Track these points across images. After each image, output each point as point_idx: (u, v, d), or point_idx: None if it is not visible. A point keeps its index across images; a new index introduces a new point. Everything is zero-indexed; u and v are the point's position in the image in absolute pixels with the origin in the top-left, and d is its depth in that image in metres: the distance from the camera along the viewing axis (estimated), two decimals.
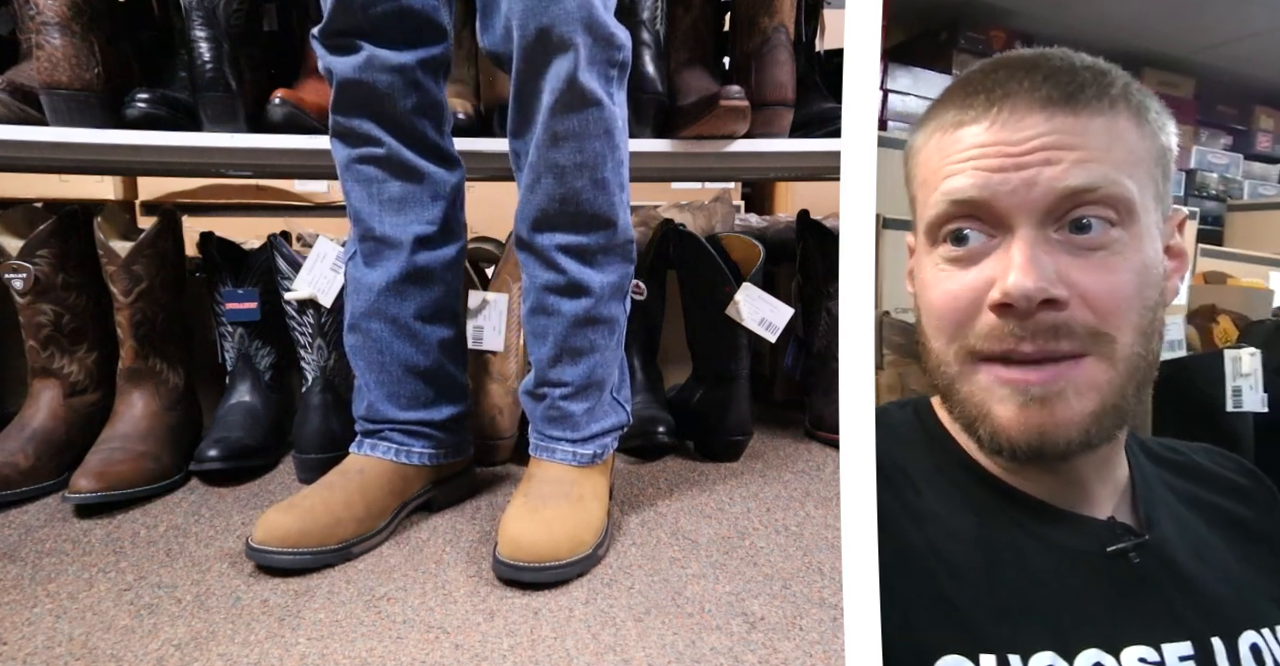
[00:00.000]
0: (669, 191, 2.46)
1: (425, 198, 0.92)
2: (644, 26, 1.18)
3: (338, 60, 0.86)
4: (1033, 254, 0.42)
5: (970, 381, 0.44)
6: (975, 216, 0.44)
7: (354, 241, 0.94)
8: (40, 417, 1.09)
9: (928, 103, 0.49)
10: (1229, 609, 0.48)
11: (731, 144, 1.19)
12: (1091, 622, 0.45)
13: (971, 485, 0.48)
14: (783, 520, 0.98)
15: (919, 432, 0.51)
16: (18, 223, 1.13)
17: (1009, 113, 0.43)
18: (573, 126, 0.80)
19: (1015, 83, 0.43)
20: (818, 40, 1.41)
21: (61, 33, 1.05)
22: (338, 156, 0.91)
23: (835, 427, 1.20)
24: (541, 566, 0.80)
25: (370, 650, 0.69)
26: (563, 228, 0.86)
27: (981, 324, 0.43)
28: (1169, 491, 0.53)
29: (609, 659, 0.68)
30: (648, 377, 1.30)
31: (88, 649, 0.69)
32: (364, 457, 0.95)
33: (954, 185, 0.44)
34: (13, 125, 1.07)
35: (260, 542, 0.82)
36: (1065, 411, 0.42)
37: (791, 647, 0.70)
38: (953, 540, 0.46)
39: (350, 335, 0.95)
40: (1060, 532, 0.47)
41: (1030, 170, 0.42)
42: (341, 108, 0.88)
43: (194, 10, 1.10)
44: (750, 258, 1.22)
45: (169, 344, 1.14)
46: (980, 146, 0.44)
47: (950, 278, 0.45)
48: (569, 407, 0.92)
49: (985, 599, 0.44)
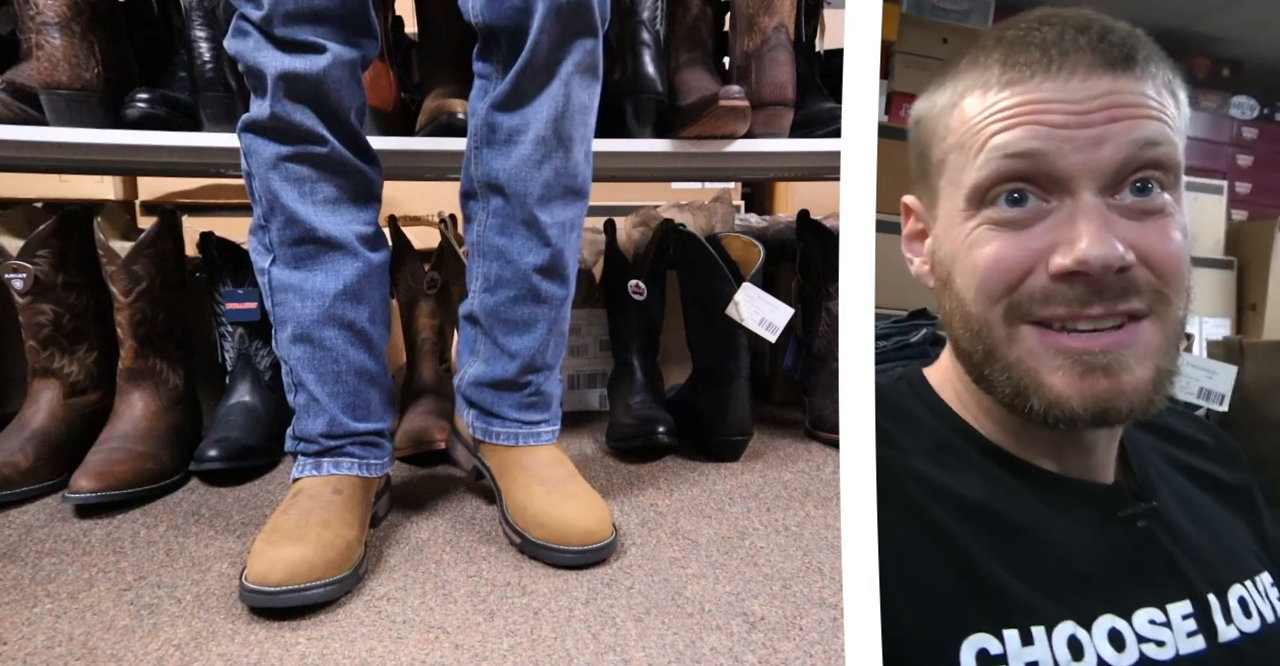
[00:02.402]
0: (669, 191, 2.46)
1: (359, 197, 0.89)
2: (644, 26, 1.18)
3: (283, 54, 0.81)
4: (1104, 220, 0.41)
5: (1018, 346, 0.43)
6: (1030, 179, 0.42)
7: (278, 245, 0.86)
8: (40, 417, 1.09)
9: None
10: (1218, 565, 0.49)
11: (731, 144, 1.19)
12: (1104, 589, 0.45)
13: (980, 458, 0.47)
14: (783, 520, 0.98)
15: (918, 405, 0.50)
16: (18, 223, 1.13)
17: (1069, 71, 0.41)
18: (585, 99, 0.86)
19: (1070, 41, 0.42)
20: (818, 40, 1.41)
21: (61, 33, 1.04)
22: (260, 153, 0.84)
23: (835, 427, 1.20)
24: (600, 545, 0.85)
25: (370, 650, 0.69)
26: (560, 200, 0.89)
27: (1035, 287, 0.42)
28: (1153, 453, 0.54)
29: (609, 659, 0.68)
30: (648, 377, 1.30)
31: (88, 649, 0.69)
32: (333, 477, 0.88)
33: (1008, 138, 0.42)
34: (13, 125, 1.07)
35: (281, 583, 0.74)
36: (1129, 378, 0.42)
37: (791, 647, 0.70)
38: (968, 517, 0.45)
39: (297, 346, 0.87)
40: (1071, 501, 0.47)
41: (1097, 128, 0.41)
42: (278, 102, 0.82)
43: (194, 10, 1.10)
44: (750, 258, 1.22)
45: (169, 344, 1.14)
46: (1038, 102, 0.42)
47: (1000, 239, 0.43)
48: (550, 390, 0.96)
49: (1005, 573, 0.43)
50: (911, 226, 0.51)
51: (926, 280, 0.50)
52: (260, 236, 0.88)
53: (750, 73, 1.19)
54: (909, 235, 0.51)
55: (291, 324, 0.87)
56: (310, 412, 0.89)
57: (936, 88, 0.47)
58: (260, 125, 0.84)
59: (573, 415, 1.45)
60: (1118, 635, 0.44)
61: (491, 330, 0.94)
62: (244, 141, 0.85)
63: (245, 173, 0.87)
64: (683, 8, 1.26)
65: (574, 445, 1.28)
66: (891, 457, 0.45)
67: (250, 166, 0.86)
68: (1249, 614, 0.48)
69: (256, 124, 0.84)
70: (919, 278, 0.50)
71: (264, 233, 0.87)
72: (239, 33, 0.82)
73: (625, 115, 1.20)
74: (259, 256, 0.88)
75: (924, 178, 0.48)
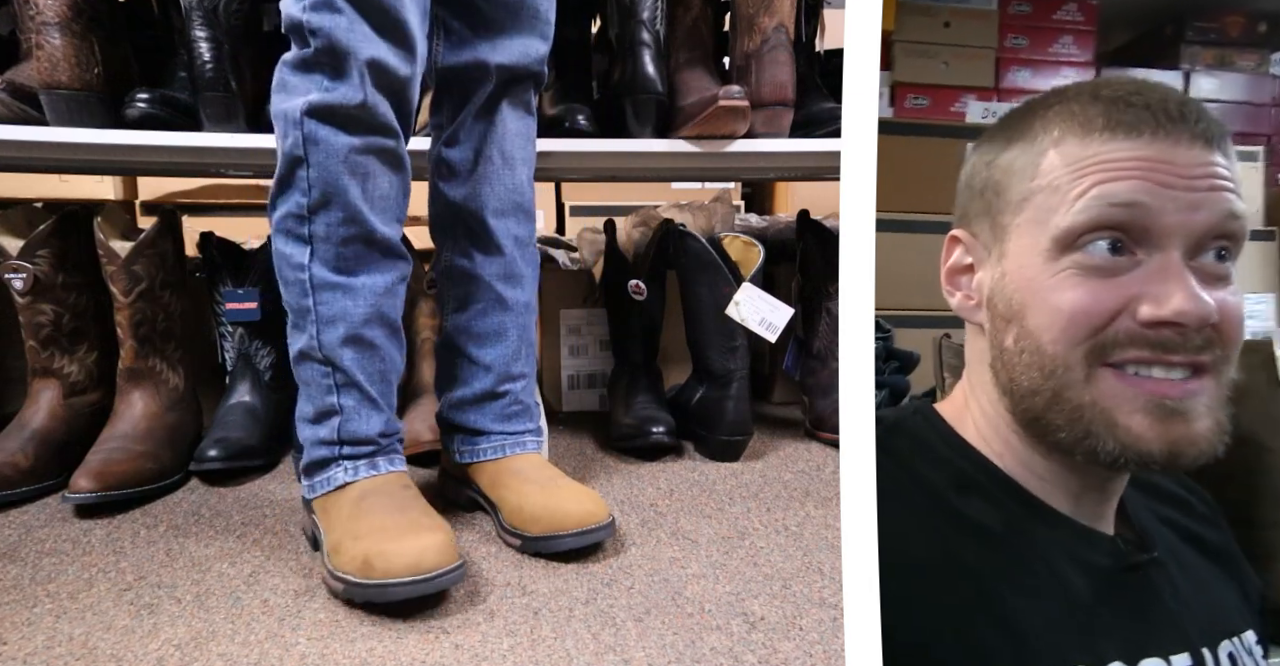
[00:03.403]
0: (669, 191, 2.46)
1: (404, 196, 0.88)
2: (644, 26, 1.18)
3: (382, 41, 0.78)
4: (1193, 277, 0.43)
5: (1094, 388, 0.44)
6: (1126, 230, 0.43)
7: (322, 240, 0.82)
8: (40, 417, 1.09)
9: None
10: (1210, 620, 0.51)
11: (731, 144, 1.19)
12: (1115, 636, 0.46)
13: (1000, 494, 0.48)
14: (783, 520, 0.98)
15: (935, 439, 0.51)
16: (18, 223, 1.13)
17: (1175, 138, 0.43)
18: (522, 128, 0.98)
19: (1175, 110, 0.44)
20: (818, 40, 1.41)
21: (61, 33, 1.05)
22: (329, 142, 0.79)
23: (835, 427, 1.20)
24: (598, 526, 0.87)
25: (370, 650, 0.69)
26: (512, 217, 0.97)
27: (1120, 330, 0.43)
28: (1144, 508, 0.54)
29: (609, 659, 0.68)
30: (648, 377, 1.30)
31: (88, 649, 0.69)
32: (392, 475, 0.86)
33: (1116, 189, 0.43)
34: (13, 125, 1.07)
35: (435, 568, 0.74)
36: (1200, 426, 0.43)
37: (791, 647, 0.70)
38: (990, 549, 0.46)
39: (348, 347, 0.84)
40: (1086, 548, 0.48)
41: (1198, 193, 0.43)
42: (369, 89, 0.79)
43: (194, 10, 1.10)
44: (750, 258, 1.22)
45: (169, 344, 1.14)
46: (1145, 160, 0.43)
47: (1089, 284, 0.44)
48: (527, 398, 0.99)
49: (1023, 611, 0.44)
50: (957, 260, 0.51)
51: (970, 315, 0.50)
52: (297, 226, 0.82)
53: (750, 73, 1.19)
54: (953, 268, 0.51)
55: (343, 324, 0.83)
56: (361, 414, 0.85)
57: (1016, 131, 0.48)
58: (337, 111, 0.78)
59: (573, 415, 1.45)
60: None
61: (465, 347, 0.98)
62: (307, 128, 0.78)
63: (293, 159, 0.80)
64: (683, 8, 1.26)
65: (574, 445, 1.28)
66: (914, 486, 0.47)
67: (309, 154, 0.79)
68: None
69: (331, 109, 0.78)
70: (960, 312, 0.51)
71: (304, 223, 0.81)
72: (327, 7, 0.76)
73: (625, 115, 1.20)
74: (294, 249, 0.82)
75: (988, 214, 0.49)
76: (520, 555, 0.88)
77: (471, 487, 0.98)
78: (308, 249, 0.82)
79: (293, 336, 0.86)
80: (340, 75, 0.78)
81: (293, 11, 0.78)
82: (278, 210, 0.83)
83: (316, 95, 0.78)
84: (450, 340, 1.00)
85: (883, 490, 0.42)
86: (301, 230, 0.82)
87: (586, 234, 1.61)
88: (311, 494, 0.85)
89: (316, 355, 0.84)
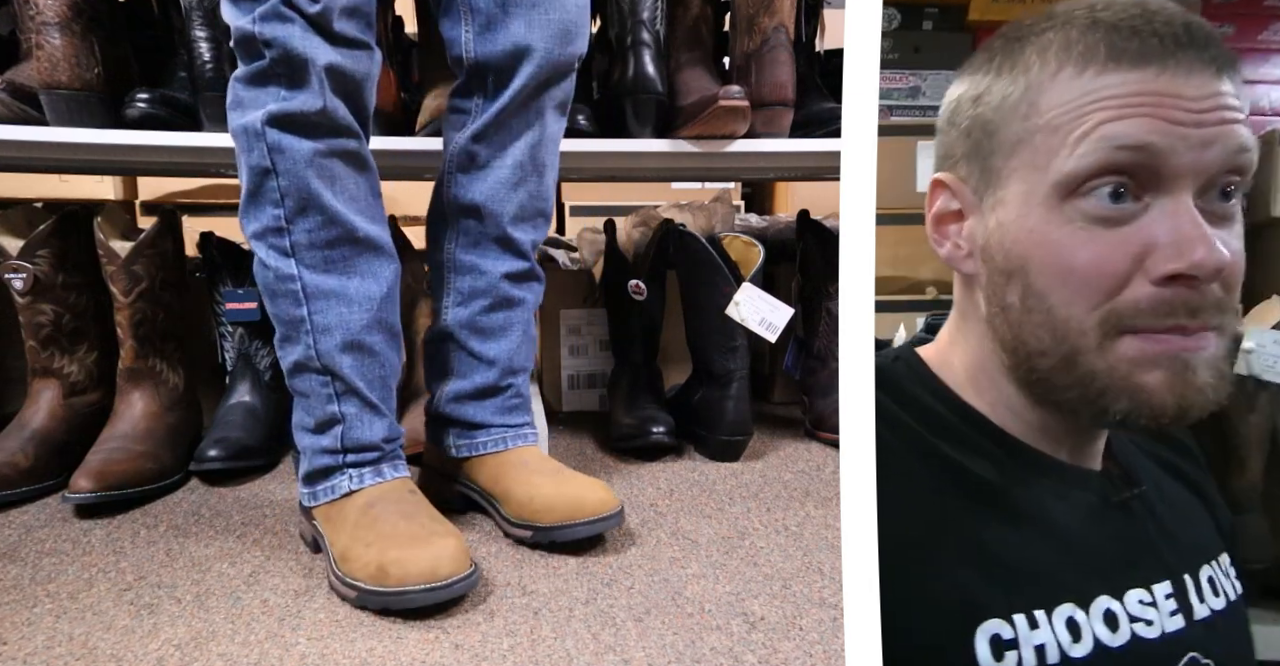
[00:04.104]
0: (669, 191, 2.46)
1: (376, 195, 0.87)
2: (644, 26, 1.18)
3: (332, 47, 0.78)
4: (1204, 221, 0.40)
5: (1110, 354, 0.41)
6: (1132, 173, 0.40)
7: (305, 248, 0.81)
8: (40, 417, 1.09)
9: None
10: (1191, 547, 0.51)
11: (731, 144, 1.19)
12: (1100, 571, 0.46)
13: (984, 442, 0.47)
14: (783, 520, 0.98)
15: (918, 387, 0.49)
16: (18, 223, 1.13)
17: (1186, 68, 0.40)
18: (556, 131, 0.94)
19: (1184, 35, 0.40)
20: (818, 40, 1.41)
21: (61, 33, 1.05)
22: (294, 149, 0.78)
23: (835, 427, 1.20)
24: (611, 513, 0.87)
25: (370, 650, 0.69)
26: (530, 222, 0.94)
27: (1139, 297, 0.40)
28: (1128, 441, 0.54)
29: (609, 659, 0.68)
30: (648, 377, 1.30)
31: (88, 649, 0.69)
32: (397, 481, 0.86)
33: (1124, 129, 0.39)
34: (13, 125, 1.07)
35: (452, 574, 0.74)
36: (1207, 377, 0.41)
37: (791, 647, 0.70)
38: (978, 498, 0.45)
39: (348, 354, 0.83)
40: (1072, 487, 0.47)
41: (1209, 128, 0.39)
42: (328, 95, 0.78)
43: (194, 10, 1.10)
44: (750, 258, 1.22)
45: (169, 344, 1.14)
46: (1154, 94, 0.39)
47: (1098, 240, 0.40)
48: (527, 393, 0.99)
49: (1014, 556, 0.44)
50: (943, 206, 0.48)
51: (960, 265, 0.47)
52: (278, 239, 0.81)
53: (750, 73, 1.19)
54: (940, 215, 0.48)
55: (340, 331, 0.82)
56: (363, 421, 0.84)
57: (1006, 62, 0.44)
58: (298, 119, 0.78)
59: (573, 415, 1.45)
60: (1112, 616, 0.44)
61: (467, 342, 0.96)
62: (270, 137, 0.78)
63: (261, 170, 0.79)
64: (683, 8, 1.26)
65: (574, 445, 1.28)
66: (899, 435, 0.45)
67: (275, 163, 0.78)
68: (1217, 592, 0.50)
69: (291, 117, 0.77)
70: (950, 262, 0.48)
71: (285, 235, 0.81)
72: (277, 17, 0.75)
73: (625, 115, 1.20)
74: (279, 261, 0.81)
75: (978, 156, 0.45)
76: (520, 555, 0.88)
77: (466, 483, 0.97)
78: (293, 259, 0.81)
79: (285, 349, 0.84)
80: (297, 84, 0.77)
81: (241, 24, 0.77)
82: (251, 226, 0.82)
83: (275, 105, 0.77)
84: (449, 333, 0.96)
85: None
86: (283, 242, 0.81)
87: (586, 234, 1.61)
88: (313, 502, 0.85)
89: (314, 364, 0.83)
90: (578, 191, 2.58)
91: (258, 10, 0.76)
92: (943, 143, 0.49)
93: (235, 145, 0.81)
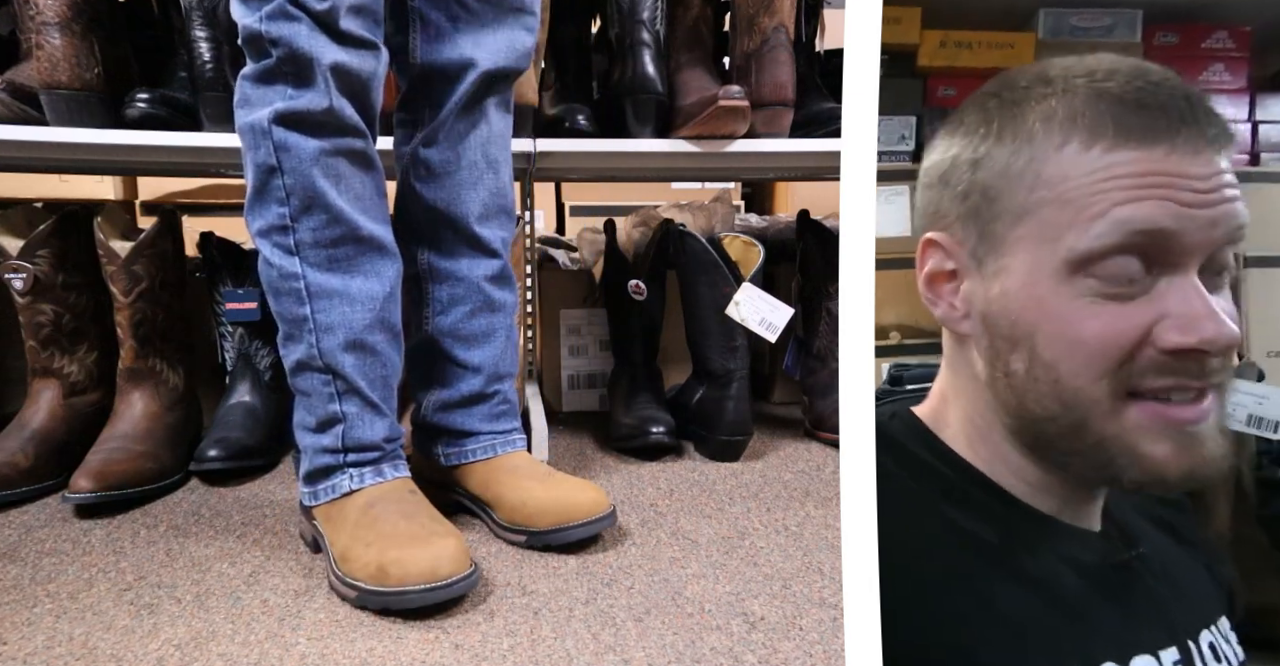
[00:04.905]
0: (669, 191, 2.46)
1: (380, 194, 0.87)
2: (644, 26, 1.18)
3: (339, 47, 0.78)
4: (1211, 297, 0.41)
5: (1119, 421, 0.42)
6: (1144, 253, 0.41)
7: (310, 246, 0.81)
8: (40, 417, 1.09)
9: None
10: (1192, 610, 0.50)
11: (731, 144, 1.19)
12: (1105, 635, 0.45)
13: (990, 502, 0.47)
14: (783, 520, 0.98)
15: (919, 446, 0.49)
16: (18, 223, 1.13)
17: (1193, 146, 0.40)
18: (503, 128, 0.96)
19: (1186, 110, 0.40)
20: (818, 40, 1.41)
21: (61, 33, 1.05)
22: (300, 148, 0.79)
23: (835, 427, 1.20)
24: (605, 514, 0.88)
25: (370, 650, 0.69)
26: (495, 219, 0.95)
27: (1146, 361, 0.41)
28: (1125, 500, 0.54)
29: (609, 659, 0.68)
30: (648, 377, 1.30)
31: (88, 649, 0.69)
32: (398, 481, 0.86)
33: (1138, 212, 0.40)
34: (13, 125, 1.08)
35: (452, 574, 0.75)
36: (1213, 446, 0.42)
37: (791, 647, 0.70)
38: (987, 559, 0.45)
39: (350, 354, 0.83)
40: (1075, 548, 0.47)
41: (1216, 208, 0.40)
42: (335, 94, 0.79)
43: (194, 10, 1.10)
44: (750, 258, 1.22)
45: (169, 344, 1.14)
46: (1164, 175, 0.40)
47: (1107, 313, 0.41)
48: (513, 397, 0.99)
49: (1022, 620, 0.44)
50: (936, 266, 0.47)
51: (958, 326, 0.47)
52: (283, 237, 0.81)
53: (750, 73, 1.19)
54: (933, 275, 0.47)
55: (342, 331, 0.82)
56: (364, 421, 0.84)
57: (1007, 128, 0.44)
58: (304, 118, 0.78)
59: (573, 415, 1.45)
60: None
61: (451, 349, 0.96)
62: (276, 136, 0.78)
63: (267, 168, 0.80)
64: (683, 8, 1.26)
65: (574, 445, 1.28)
66: (902, 495, 0.45)
67: (281, 162, 0.79)
68: (1219, 658, 0.49)
69: (299, 116, 0.78)
70: (945, 322, 0.48)
71: (289, 233, 0.81)
72: (284, 16, 0.76)
73: (625, 115, 1.20)
74: (283, 259, 0.81)
75: (977, 220, 0.45)
76: (520, 555, 0.88)
77: (458, 491, 0.97)
78: (297, 257, 0.81)
79: (287, 348, 0.84)
80: (304, 83, 0.77)
81: (249, 22, 0.77)
82: (256, 223, 0.82)
83: (282, 104, 0.78)
84: (433, 342, 0.97)
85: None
86: (287, 240, 0.81)
87: (586, 234, 1.61)
88: (314, 501, 0.85)
89: (316, 363, 0.83)
90: (578, 191, 2.58)
91: (265, 9, 0.76)
92: (930, 199, 0.48)
93: (241, 143, 0.81)
